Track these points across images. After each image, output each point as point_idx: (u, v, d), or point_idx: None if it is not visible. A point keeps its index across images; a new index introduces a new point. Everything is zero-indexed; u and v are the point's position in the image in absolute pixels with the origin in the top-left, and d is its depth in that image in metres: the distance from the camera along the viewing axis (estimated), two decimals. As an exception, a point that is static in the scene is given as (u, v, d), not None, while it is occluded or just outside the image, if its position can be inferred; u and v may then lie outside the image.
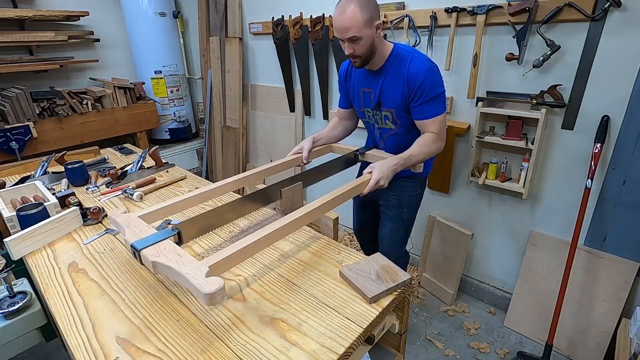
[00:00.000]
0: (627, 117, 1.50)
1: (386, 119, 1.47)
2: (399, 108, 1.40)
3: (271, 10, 2.65)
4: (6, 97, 2.44)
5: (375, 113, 1.48)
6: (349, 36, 1.24)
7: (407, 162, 1.34)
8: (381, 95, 1.42)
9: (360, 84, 1.49)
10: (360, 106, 1.54)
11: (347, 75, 1.55)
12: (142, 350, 0.78)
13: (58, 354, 1.90)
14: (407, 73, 1.33)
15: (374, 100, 1.45)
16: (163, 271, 0.82)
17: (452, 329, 2.03)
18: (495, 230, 2.06)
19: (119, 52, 3.33)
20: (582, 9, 1.45)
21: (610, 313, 1.68)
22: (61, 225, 1.27)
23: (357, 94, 1.52)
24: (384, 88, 1.40)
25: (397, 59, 1.36)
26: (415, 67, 1.32)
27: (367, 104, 1.50)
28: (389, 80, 1.38)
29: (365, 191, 1.24)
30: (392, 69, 1.37)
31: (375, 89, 1.43)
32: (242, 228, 1.27)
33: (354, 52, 1.29)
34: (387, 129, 1.50)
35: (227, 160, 3.42)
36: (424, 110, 1.36)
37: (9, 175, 1.85)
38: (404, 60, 1.35)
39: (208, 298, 0.71)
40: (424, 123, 1.38)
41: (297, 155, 1.51)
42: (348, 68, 1.55)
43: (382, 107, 1.44)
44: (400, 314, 1.00)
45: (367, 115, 1.53)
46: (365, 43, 1.26)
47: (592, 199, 1.66)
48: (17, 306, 1.11)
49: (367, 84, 1.46)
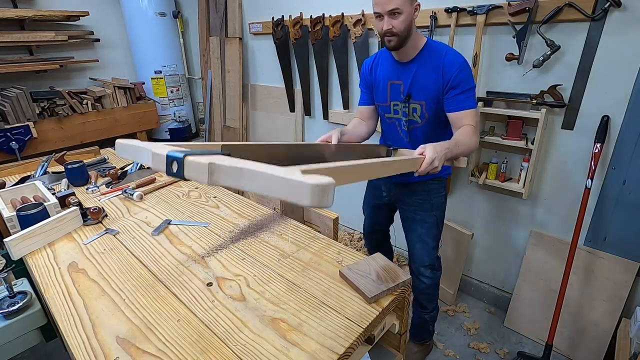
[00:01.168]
0: (627, 117, 1.50)
1: (414, 111, 1.42)
2: (430, 100, 1.37)
3: (271, 10, 2.65)
4: (6, 97, 2.44)
5: (404, 106, 1.44)
6: (390, 8, 1.20)
7: (455, 149, 1.23)
8: (412, 87, 1.38)
9: (388, 76, 1.45)
10: (385, 100, 1.49)
11: (373, 69, 1.51)
12: (142, 350, 0.78)
13: (58, 354, 1.90)
14: (443, 63, 1.31)
15: (403, 93, 1.41)
16: (227, 177, 0.56)
17: (452, 329, 2.03)
18: (495, 230, 2.06)
19: (119, 52, 3.33)
20: (582, 9, 1.45)
21: (610, 313, 1.68)
22: (61, 225, 1.27)
23: (383, 87, 1.47)
24: (416, 79, 1.37)
25: (432, 50, 1.35)
26: (451, 58, 1.31)
27: (395, 96, 1.45)
28: (422, 71, 1.35)
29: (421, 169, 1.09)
30: (426, 59, 1.35)
31: (406, 81, 1.39)
32: (242, 228, 1.27)
33: (392, 29, 1.24)
34: (414, 121, 1.45)
35: (227, 160, 3.41)
36: (459, 101, 1.32)
37: (9, 175, 1.85)
38: (438, 52, 1.34)
39: (318, 191, 0.48)
40: (460, 115, 1.33)
41: (326, 143, 1.41)
42: (374, 62, 1.51)
43: (412, 99, 1.40)
44: (400, 314, 1.00)
45: (394, 109, 1.48)
46: (404, 19, 1.23)
47: (592, 199, 1.66)
48: (17, 306, 1.11)
49: (397, 75, 1.42)
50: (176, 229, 1.29)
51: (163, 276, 1.03)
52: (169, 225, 1.32)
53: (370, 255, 1.07)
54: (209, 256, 1.12)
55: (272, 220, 1.27)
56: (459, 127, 1.33)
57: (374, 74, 1.51)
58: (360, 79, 1.61)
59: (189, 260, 1.11)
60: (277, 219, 1.28)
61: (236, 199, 1.53)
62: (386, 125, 1.56)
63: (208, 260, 1.10)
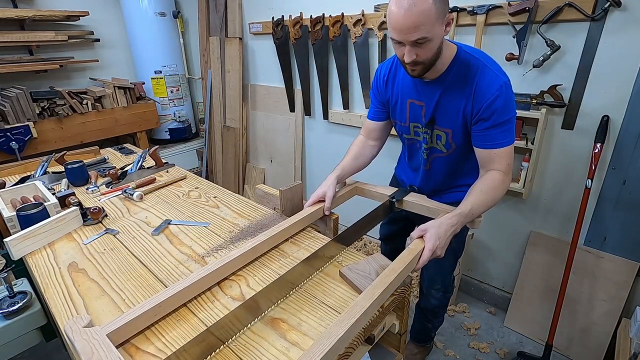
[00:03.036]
0: (627, 117, 1.50)
1: (438, 139, 1.17)
2: (458, 129, 1.12)
3: (271, 10, 2.65)
4: (6, 97, 2.44)
5: (425, 131, 1.18)
6: (416, 38, 0.92)
7: (467, 219, 1.04)
8: (437, 111, 1.13)
9: (407, 93, 1.18)
10: (404, 120, 1.23)
11: (389, 81, 1.23)
12: (142, 350, 0.78)
13: (58, 354, 1.90)
14: (475, 86, 1.04)
15: (425, 117, 1.15)
16: None
17: (452, 329, 2.03)
18: (495, 230, 2.06)
19: (119, 52, 3.33)
20: (582, 9, 1.45)
21: (610, 313, 1.68)
22: (61, 225, 1.27)
23: (402, 105, 1.22)
24: (442, 103, 1.11)
25: (463, 66, 1.06)
26: (486, 80, 1.03)
27: (415, 118, 1.20)
28: (450, 93, 1.09)
29: (418, 266, 0.94)
30: (454, 78, 1.07)
31: (430, 103, 1.13)
32: (242, 228, 1.27)
33: (417, 59, 0.97)
34: (437, 149, 1.21)
35: (227, 160, 3.42)
36: (491, 137, 1.06)
37: (9, 175, 1.85)
38: (471, 68, 1.05)
39: None
40: (489, 154, 1.08)
41: (319, 206, 1.19)
42: (390, 72, 1.23)
43: (436, 126, 1.15)
44: (400, 314, 1.00)
45: (415, 131, 1.24)
46: (433, 46, 0.96)
47: (592, 199, 1.66)
48: (17, 306, 1.11)
49: (418, 95, 1.15)
50: (176, 229, 1.29)
51: (163, 276, 1.03)
52: (169, 225, 1.32)
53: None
54: (209, 256, 1.12)
55: (272, 220, 1.27)
56: (486, 169, 1.11)
57: (390, 88, 1.24)
58: (372, 88, 1.32)
59: (189, 260, 1.11)
60: (277, 219, 1.28)
61: (236, 199, 1.53)
62: (406, 145, 1.35)
63: (208, 260, 1.10)
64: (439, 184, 1.30)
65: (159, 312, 0.83)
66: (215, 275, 0.94)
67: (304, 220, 1.17)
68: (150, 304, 0.81)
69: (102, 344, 0.70)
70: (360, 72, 2.29)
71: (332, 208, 1.20)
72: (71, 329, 0.74)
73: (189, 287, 0.88)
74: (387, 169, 2.50)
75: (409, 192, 1.27)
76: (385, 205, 1.24)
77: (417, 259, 0.94)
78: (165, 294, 0.84)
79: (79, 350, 0.69)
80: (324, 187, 1.21)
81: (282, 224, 1.12)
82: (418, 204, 1.21)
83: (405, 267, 0.88)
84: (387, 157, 2.41)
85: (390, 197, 1.22)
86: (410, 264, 0.91)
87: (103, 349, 0.69)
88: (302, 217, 1.16)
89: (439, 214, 1.11)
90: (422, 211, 1.20)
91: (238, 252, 0.99)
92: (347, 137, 2.52)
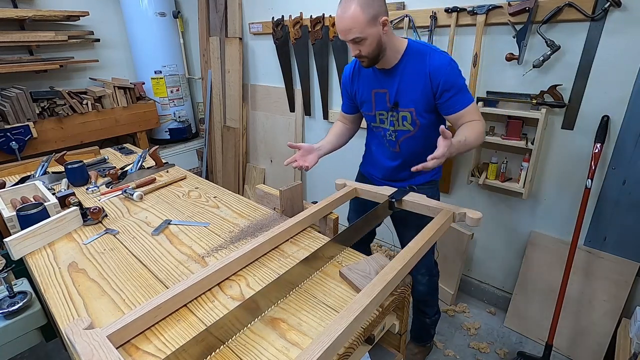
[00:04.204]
0: (627, 117, 1.50)
1: (404, 120, 1.36)
2: (419, 106, 1.32)
3: (271, 10, 2.65)
4: (6, 97, 2.44)
5: (391, 115, 1.38)
6: (351, 38, 1.18)
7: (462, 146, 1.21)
8: (398, 95, 1.33)
9: (371, 85, 1.39)
10: (371, 110, 1.43)
11: (354, 77, 1.44)
12: (142, 350, 0.78)
13: (58, 354, 1.90)
14: (429, 68, 1.25)
15: (390, 101, 1.36)
16: None
17: (452, 329, 2.03)
18: (495, 230, 2.06)
19: (119, 52, 3.33)
20: (582, 9, 1.45)
21: (610, 313, 1.68)
22: (61, 225, 1.27)
23: (367, 97, 1.41)
24: (402, 86, 1.31)
25: (414, 54, 1.28)
26: (437, 61, 1.25)
27: (380, 106, 1.39)
28: (408, 78, 1.30)
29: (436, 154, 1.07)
30: (409, 65, 1.29)
31: (391, 89, 1.33)
32: (242, 228, 1.27)
33: (360, 53, 1.22)
34: (404, 131, 1.39)
35: (227, 160, 3.42)
36: (457, 102, 1.27)
37: (9, 175, 1.85)
38: (422, 55, 1.27)
39: None
40: (461, 114, 1.28)
41: (318, 207, 1.22)
42: (354, 70, 1.44)
43: (400, 107, 1.35)
44: (400, 314, 1.00)
45: (380, 119, 1.42)
46: (371, 43, 1.19)
47: (592, 199, 1.66)
48: (17, 306, 1.11)
49: (380, 84, 1.36)
50: (176, 229, 1.29)
51: (163, 276, 1.03)
52: (169, 225, 1.32)
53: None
54: (209, 256, 1.12)
55: (272, 220, 1.27)
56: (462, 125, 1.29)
57: (356, 82, 1.44)
58: (341, 85, 1.55)
59: (189, 260, 1.11)
60: (277, 219, 1.28)
61: (236, 199, 1.53)
62: (373, 133, 1.52)
63: (208, 260, 1.10)
64: (410, 164, 1.37)
65: (159, 313, 0.83)
66: (216, 276, 0.94)
67: (305, 221, 1.17)
68: (150, 305, 0.81)
69: (103, 345, 0.70)
70: (360, 72, 2.29)
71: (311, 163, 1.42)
72: (72, 331, 0.74)
73: (189, 289, 0.88)
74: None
75: (408, 192, 1.28)
76: (385, 206, 1.25)
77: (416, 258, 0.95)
78: (165, 296, 0.84)
79: (79, 352, 0.69)
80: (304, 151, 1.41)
81: (283, 224, 1.13)
82: (418, 203, 1.21)
83: (404, 266, 0.88)
84: (387, 157, 2.41)
85: (389, 197, 1.22)
86: (410, 263, 0.91)
87: (103, 351, 0.69)
88: (303, 218, 1.16)
89: (439, 212, 1.11)
90: (422, 211, 1.20)
91: (238, 254, 0.99)
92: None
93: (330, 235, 1.22)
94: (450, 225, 1.11)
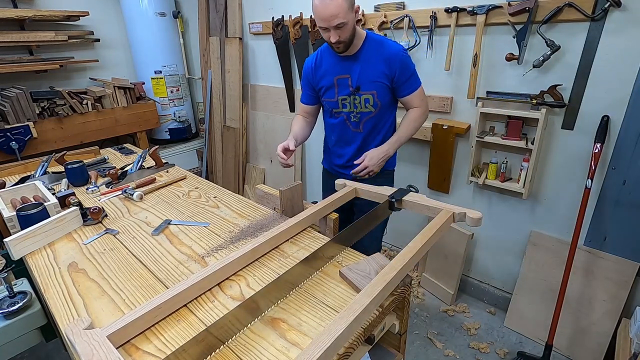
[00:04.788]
0: (627, 117, 1.50)
1: (367, 102, 1.50)
2: (380, 88, 1.46)
3: (271, 10, 2.65)
4: (6, 97, 2.44)
5: (353, 98, 1.51)
6: (336, 23, 1.27)
7: (397, 144, 1.50)
8: (360, 79, 1.46)
9: (333, 72, 1.50)
10: (333, 96, 1.54)
11: (317, 68, 1.56)
12: (142, 350, 0.78)
13: (58, 354, 1.91)
14: (387, 53, 1.42)
15: (352, 85, 1.48)
16: None
17: (452, 329, 2.03)
18: (495, 230, 2.06)
19: (119, 52, 3.33)
20: (582, 9, 1.45)
21: (610, 313, 1.68)
22: (61, 225, 1.27)
23: (330, 84, 1.53)
24: (364, 70, 1.45)
25: (373, 42, 1.45)
26: (393, 48, 1.44)
27: (343, 91, 1.51)
28: (368, 62, 1.44)
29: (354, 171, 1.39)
30: (369, 51, 1.43)
31: (353, 74, 1.46)
32: (242, 228, 1.27)
33: (340, 39, 1.33)
34: (367, 112, 1.53)
35: (227, 160, 3.42)
36: (409, 85, 1.48)
37: (9, 175, 1.85)
38: (380, 42, 1.45)
39: None
40: (411, 97, 1.50)
41: (318, 207, 1.22)
42: (316, 62, 1.56)
43: (362, 90, 1.48)
44: (400, 314, 1.00)
45: (342, 103, 1.54)
46: (349, 28, 1.33)
47: (592, 199, 1.66)
48: (17, 306, 1.11)
49: (343, 70, 1.48)
50: (176, 229, 1.29)
51: (163, 276, 1.03)
52: (169, 225, 1.32)
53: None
54: (209, 256, 1.12)
55: (272, 220, 1.27)
56: (410, 108, 1.54)
57: (319, 72, 1.55)
58: (303, 79, 1.66)
59: (189, 260, 1.11)
60: (277, 219, 1.28)
61: (236, 199, 1.53)
62: (334, 120, 1.62)
63: (208, 260, 1.10)
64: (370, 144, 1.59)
65: (159, 313, 0.83)
66: (216, 276, 0.94)
67: (304, 221, 1.17)
68: (150, 305, 0.81)
69: (103, 345, 0.70)
70: (360, 72, 2.29)
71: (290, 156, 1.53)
72: (72, 331, 0.74)
73: (190, 289, 0.88)
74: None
75: (408, 192, 1.28)
76: (385, 205, 1.25)
77: (416, 258, 0.95)
78: (165, 296, 0.84)
79: (79, 351, 0.69)
80: (285, 142, 1.51)
81: (283, 225, 1.12)
82: (418, 203, 1.21)
83: (404, 266, 0.88)
84: (387, 157, 2.41)
85: (389, 197, 1.22)
86: (410, 263, 0.91)
87: (104, 351, 0.69)
88: (303, 218, 1.15)
89: (439, 213, 1.11)
90: (422, 211, 1.20)
91: (238, 254, 0.99)
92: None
93: (330, 235, 1.22)
94: (450, 225, 1.11)
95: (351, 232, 1.14)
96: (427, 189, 2.22)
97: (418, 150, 2.21)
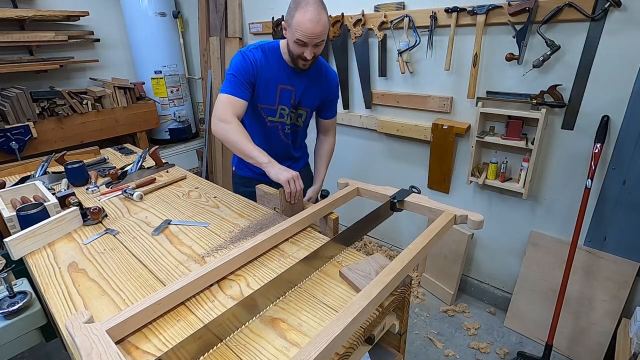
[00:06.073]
0: (627, 117, 1.50)
1: (300, 117, 1.53)
2: (313, 108, 1.53)
3: (271, 10, 2.65)
4: (6, 97, 2.44)
5: (291, 111, 1.49)
6: (318, 41, 1.27)
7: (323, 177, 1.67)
8: (303, 95, 1.46)
9: (278, 79, 1.40)
10: (273, 103, 1.44)
11: (260, 67, 1.37)
12: (142, 350, 0.78)
13: (58, 354, 1.91)
14: (326, 75, 1.48)
15: (295, 99, 1.45)
16: None
17: (452, 329, 2.03)
18: (495, 230, 2.06)
19: (119, 52, 3.33)
20: (582, 9, 1.45)
21: (610, 313, 1.68)
22: (61, 225, 1.27)
23: (272, 89, 1.41)
24: (307, 88, 1.45)
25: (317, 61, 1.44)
26: (330, 71, 1.50)
27: (284, 102, 1.44)
28: (313, 81, 1.46)
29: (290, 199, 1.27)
30: (315, 69, 1.44)
31: (298, 88, 1.44)
32: (242, 228, 1.27)
33: (315, 55, 1.32)
34: (297, 125, 1.56)
35: (227, 161, 3.42)
36: (334, 109, 1.60)
37: (9, 175, 1.85)
38: (321, 62, 1.46)
39: None
40: (331, 122, 1.62)
41: (318, 207, 1.23)
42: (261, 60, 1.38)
43: (301, 107, 1.49)
44: (400, 314, 1.00)
45: (281, 113, 1.47)
46: (323, 46, 1.33)
47: (592, 199, 1.66)
48: (17, 306, 1.11)
49: (289, 81, 1.42)
50: (176, 229, 1.29)
51: (163, 276, 1.03)
52: (169, 225, 1.32)
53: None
54: (209, 256, 1.12)
55: (272, 220, 1.27)
56: (326, 132, 1.65)
57: (261, 72, 1.38)
58: (236, 69, 1.36)
59: (189, 260, 1.11)
60: (277, 219, 1.28)
61: (236, 199, 1.53)
62: (265, 128, 1.50)
63: (208, 260, 1.10)
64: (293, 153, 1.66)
65: (158, 309, 0.83)
66: (215, 273, 0.94)
67: (304, 221, 1.17)
68: (149, 301, 0.81)
69: (102, 339, 0.70)
70: (360, 72, 2.29)
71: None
72: (72, 324, 0.75)
73: (189, 285, 0.88)
74: (391, 169, 2.50)
75: (410, 192, 1.28)
76: (386, 206, 1.24)
77: (416, 260, 0.95)
78: (165, 292, 0.84)
79: (78, 345, 0.69)
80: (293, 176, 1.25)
81: (283, 224, 1.13)
82: (420, 204, 1.21)
83: (404, 268, 0.88)
84: (388, 157, 2.42)
85: (391, 197, 1.22)
86: (409, 265, 0.91)
87: (102, 344, 0.69)
88: (303, 218, 1.15)
89: (440, 214, 1.11)
90: (424, 212, 1.20)
91: (238, 252, 0.99)
92: (347, 136, 2.52)
93: (330, 235, 1.22)
94: (451, 227, 1.11)
95: (351, 232, 1.14)
96: (427, 189, 2.23)
97: (418, 150, 2.21)
